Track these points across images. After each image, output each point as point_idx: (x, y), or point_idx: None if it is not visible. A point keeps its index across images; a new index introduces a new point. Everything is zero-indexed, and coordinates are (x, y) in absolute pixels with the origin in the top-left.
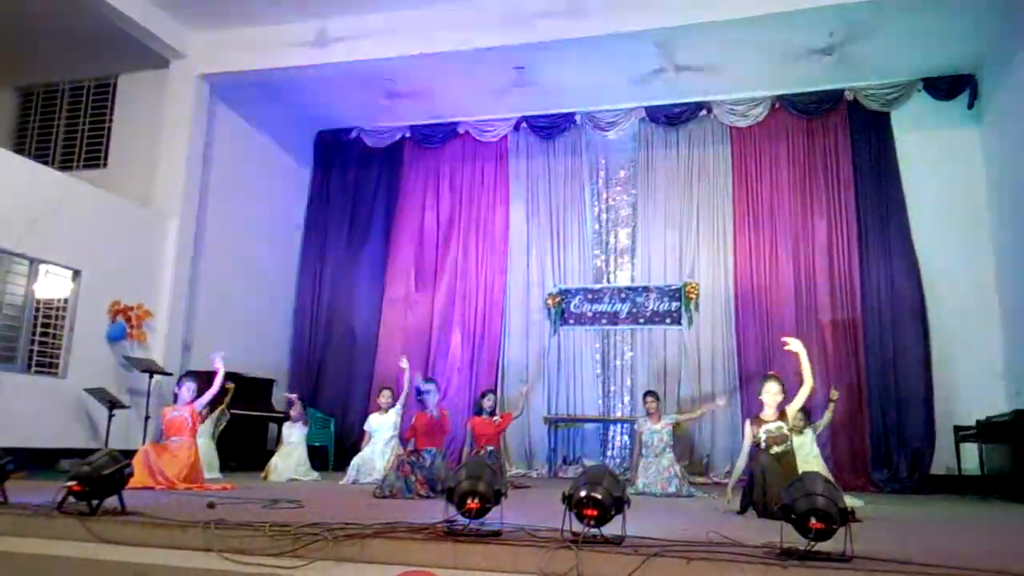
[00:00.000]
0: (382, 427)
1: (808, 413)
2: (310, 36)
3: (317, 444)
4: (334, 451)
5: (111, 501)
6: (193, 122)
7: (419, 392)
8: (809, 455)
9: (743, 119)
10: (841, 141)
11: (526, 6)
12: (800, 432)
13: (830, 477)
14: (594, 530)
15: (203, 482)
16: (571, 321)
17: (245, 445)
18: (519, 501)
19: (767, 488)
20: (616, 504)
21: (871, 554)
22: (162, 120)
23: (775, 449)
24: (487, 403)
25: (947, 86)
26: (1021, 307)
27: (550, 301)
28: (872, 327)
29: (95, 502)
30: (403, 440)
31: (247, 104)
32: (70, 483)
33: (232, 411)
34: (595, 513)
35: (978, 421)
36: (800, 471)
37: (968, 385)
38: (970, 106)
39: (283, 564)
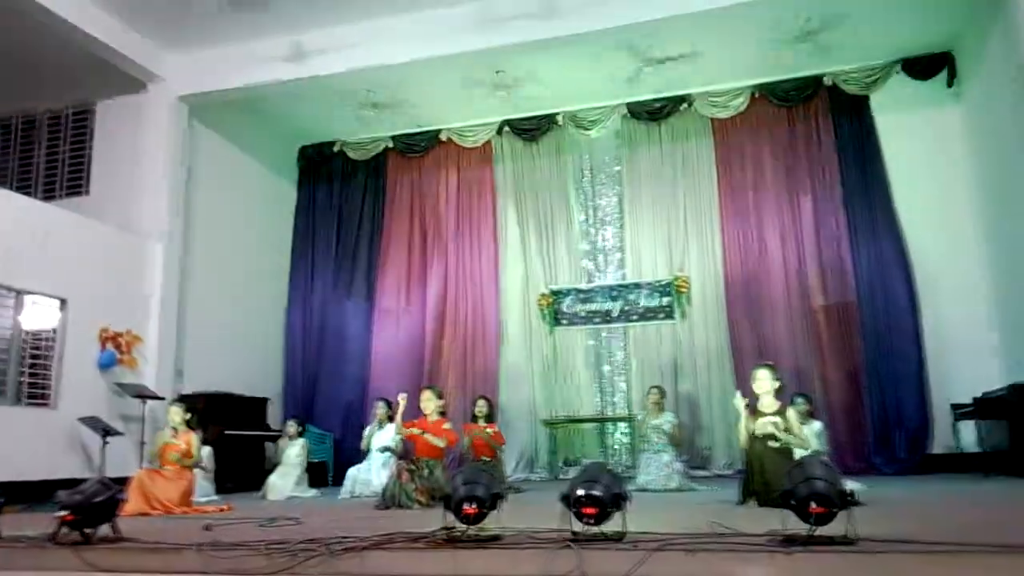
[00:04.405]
0: (380, 441)
1: (809, 399)
2: (286, 51)
3: (315, 460)
4: (333, 466)
5: (105, 529)
6: (173, 145)
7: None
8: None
9: (724, 110)
10: (823, 127)
11: (500, 8)
12: (804, 420)
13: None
14: (594, 528)
15: (195, 505)
16: (564, 321)
17: (242, 465)
18: (519, 504)
19: (765, 475)
20: (615, 501)
21: (874, 536)
22: (142, 144)
23: (771, 444)
24: (479, 410)
25: (925, 66)
26: (1010, 280)
27: (543, 301)
28: (865, 310)
29: (89, 530)
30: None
31: (227, 123)
32: (62, 513)
33: (227, 431)
34: (594, 511)
35: (975, 398)
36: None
37: (963, 362)
38: (949, 84)
39: None
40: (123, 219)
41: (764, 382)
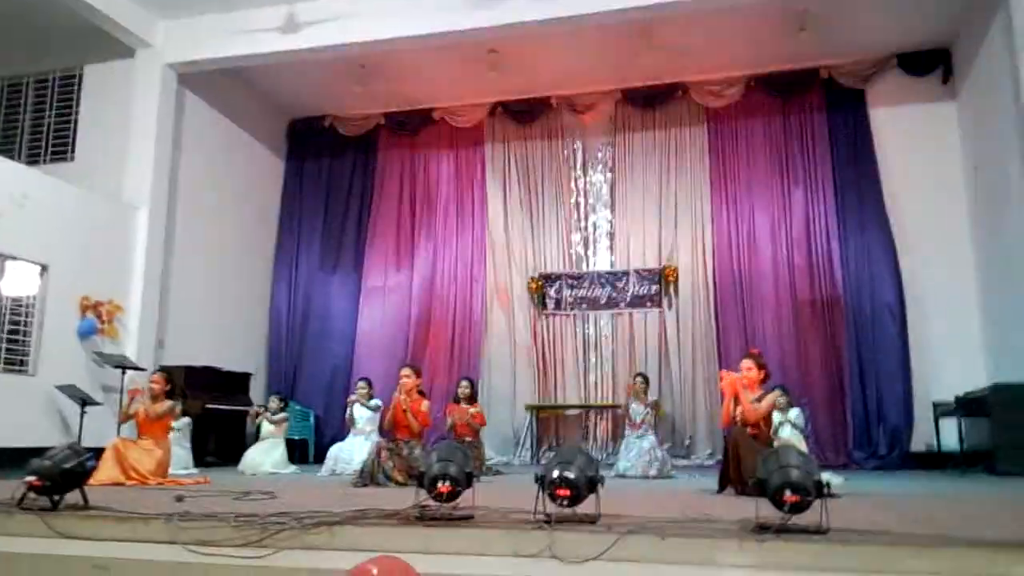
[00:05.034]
0: (362, 420)
1: (786, 390)
2: (279, 22)
3: (296, 437)
4: (314, 444)
5: (74, 496)
6: (161, 112)
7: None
8: (789, 438)
9: (719, 99)
10: (817, 119)
11: None
12: (783, 410)
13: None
14: (568, 510)
15: (172, 477)
16: (552, 307)
17: (223, 439)
18: (496, 486)
19: (742, 463)
20: (590, 484)
21: (847, 526)
22: (130, 111)
23: (749, 430)
24: (462, 391)
25: (921, 61)
26: (998, 280)
27: (532, 285)
28: (851, 304)
29: (56, 497)
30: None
31: (217, 93)
32: (30, 478)
33: (208, 405)
34: (568, 493)
35: (956, 397)
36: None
37: (947, 360)
38: (944, 81)
39: (249, 554)
40: (108, 186)
41: (745, 370)
